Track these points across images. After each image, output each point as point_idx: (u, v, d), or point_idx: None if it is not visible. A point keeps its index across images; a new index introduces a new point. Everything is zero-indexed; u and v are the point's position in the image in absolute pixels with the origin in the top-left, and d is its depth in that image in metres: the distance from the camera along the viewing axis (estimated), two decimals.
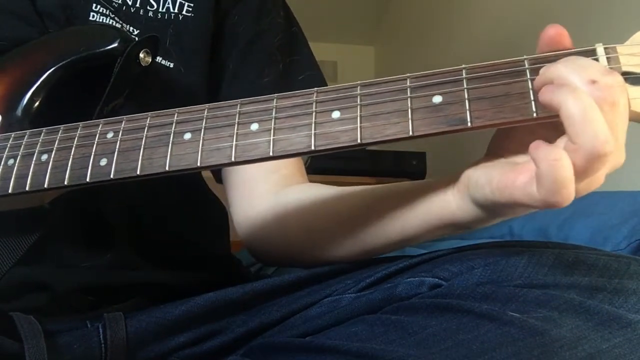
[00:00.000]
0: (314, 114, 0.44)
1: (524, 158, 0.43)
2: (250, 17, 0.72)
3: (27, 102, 0.57)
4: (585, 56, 0.40)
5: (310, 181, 0.71)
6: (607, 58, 0.40)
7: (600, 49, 0.41)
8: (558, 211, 1.07)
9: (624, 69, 0.40)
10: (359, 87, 0.44)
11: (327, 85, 0.71)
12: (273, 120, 0.45)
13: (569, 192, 0.37)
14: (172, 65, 0.66)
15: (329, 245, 0.60)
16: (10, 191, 0.50)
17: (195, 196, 0.72)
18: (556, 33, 0.41)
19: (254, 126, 0.45)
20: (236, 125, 0.46)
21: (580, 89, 0.36)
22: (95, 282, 0.59)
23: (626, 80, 0.39)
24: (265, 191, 0.68)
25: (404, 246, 0.56)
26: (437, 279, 0.49)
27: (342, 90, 0.45)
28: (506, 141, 0.45)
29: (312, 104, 0.45)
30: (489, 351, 0.41)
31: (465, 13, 2.30)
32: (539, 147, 0.38)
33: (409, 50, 2.96)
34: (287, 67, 0.72)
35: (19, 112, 0.56)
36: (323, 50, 3.27)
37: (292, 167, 0.70)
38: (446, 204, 0.48)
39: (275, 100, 0.46)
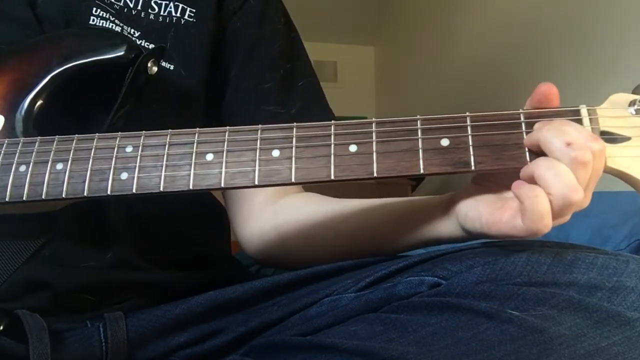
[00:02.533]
0: (332, 146, 0.48)
1: (506, 193, 0.49)
2: (252, 23, 0.73)
3: (29, 104, 0.57)
4: (571, 115, 0.47)
5: None
6: (590, 119, 0.46)
7: (584, 110, 0.47)
8: None
9: (602, 129, 0.46)
10: (374, 125, 0.48)
11: (322, 91, 0.76)
12: (294, 149, 0.48)
13: (547, 222, 0.43)
14: (172, 67, 0.67)
15: (327, 253, 0.63)
16: (25, 198, 0.51)
17: (195, 197, 0.72)
18: (548, 91, 0.47)
19: (275, 152, 0.48)
20: (258, 150, 0.48)
21: (549, 157, 0.44)
22: (96, 281, 0.59)
23: (603, 139, 0.45)
24: (263, 203, 0.70)
25: (396, 254, 0.60)
26: (436, 278, 0.50)
27: (357, 126, 0.48)
28: (490, 174, 0.50)
29: (329, 136, 0.48)
30: (488, 349, 0.42)
31: (465, 14, 2.30)
32: (521, 186, 0.44)
33: (409, 50, 2.96)
34: (288, 72, 0.74)
35: (21, 113, 0.57)
36: (323, 50, 3.27)
37: None
38: (439, 227, 0.54)
39: (294, 129, 0.49)
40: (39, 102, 0.57)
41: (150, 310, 0.55)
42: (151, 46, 0.65)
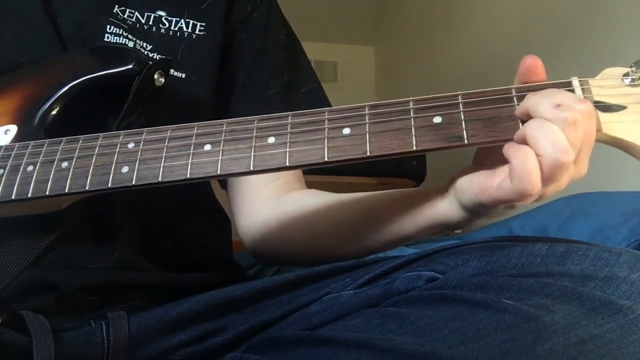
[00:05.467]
0: (326, 130, 0.49)
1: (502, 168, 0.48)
2: (256, 35, 0.77)
3: (42, 115, 0.59)
4: (563, 87, 0.47)
5: (311, 181, 0.75)
6: (582, 89, 0.47)
7: (575, 82, 0.47)
8: (558, 211, 1.08)
9: (596, 98, 0.47)
10: (367, 108, 0.49)
11: (326, 96, 0.78)
12: (289, 134, 0.49)
13: (536, 181, 0.43)
14: (184, 75, 0.70)
15: (331, 247, 0.64)
16: (29, 195, 0.52)
17: (199, 201, 0.74)
18: (533, 64, 0.48)
19: (271, 139, 0.49)
20: (254, 138, 0.49)
21: (540, 118, 0.44)
22: (102, 282, 0.59)
23: (597, 107, 0.46)
24: (267, 198, 0.72)
25: (400, 244, 0.61)
26: (433, 273, 0.50)
27: (351, 110, 0.49)
28: (488, 153, 0.50)
29: (324, 121, 0.49)
30: (484, 337, 0.42)
31: (465, 13, 2.31)
32: (510, 146, 0.45)
33: (409, 50, 2.96)
34: (291, 79, 0.77)
35: (34, 123, 0.58)
36: (323, 50, 3.27)
37: (291, 174, 0.75)
38: (438, 207, 0.54)
39: (290, 117, 0.50)
40: (52, 113, 0.59)
41: (152, 309, 0.56)
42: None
